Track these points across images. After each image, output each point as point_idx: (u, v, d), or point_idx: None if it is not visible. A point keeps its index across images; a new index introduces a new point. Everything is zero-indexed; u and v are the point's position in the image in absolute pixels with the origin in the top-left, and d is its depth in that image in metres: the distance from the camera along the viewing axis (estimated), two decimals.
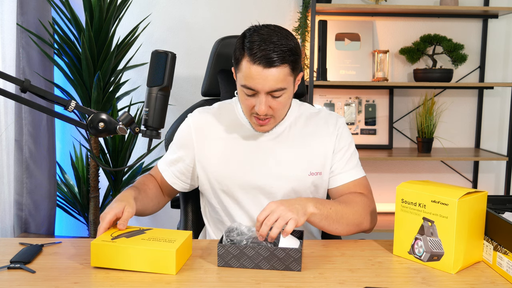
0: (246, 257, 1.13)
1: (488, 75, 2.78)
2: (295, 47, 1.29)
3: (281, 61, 1.25)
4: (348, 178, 1.43)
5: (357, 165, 1.46)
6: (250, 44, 1.26)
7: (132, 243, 1.12)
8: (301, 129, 1.45)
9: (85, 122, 1.11)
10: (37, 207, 2.34)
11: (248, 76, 1.27)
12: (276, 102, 1.31)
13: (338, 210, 1.29)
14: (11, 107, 2.29)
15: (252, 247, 1.12)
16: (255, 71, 1.26)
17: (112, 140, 2.37)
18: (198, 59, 2.64)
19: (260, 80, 1.26)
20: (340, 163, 1.44)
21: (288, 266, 1.11)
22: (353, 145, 1.49)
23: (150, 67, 1.14)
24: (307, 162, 1.42)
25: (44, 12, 2.31)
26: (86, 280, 1.06)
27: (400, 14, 2.69)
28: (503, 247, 1.10)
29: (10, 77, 1.03)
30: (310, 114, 1.49)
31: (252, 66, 1.26)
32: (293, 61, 1.28)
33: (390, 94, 2.75)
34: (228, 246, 1.13)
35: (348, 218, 1.31)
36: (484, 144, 2.83)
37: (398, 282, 1.08)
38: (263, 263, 1.12)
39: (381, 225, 2.51)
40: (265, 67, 1.25)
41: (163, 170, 1.49)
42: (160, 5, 2.62)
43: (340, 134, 1.45)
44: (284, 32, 1.30)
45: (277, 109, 1.33)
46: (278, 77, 1.26)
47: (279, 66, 1.25)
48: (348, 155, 1.45)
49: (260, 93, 1.28)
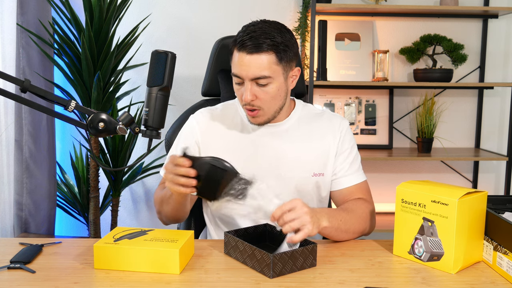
0: (238, 251, 1.16)
1: (488, 75, 2.78)
2: (285, 40, 1.31)
3: (266, 48, 1.27)
4: (350, 182, 1.44)
5: (359, 169, 1.47)
6: (237, 36, 1.32)
7: (135, 244, 1.12)
8: (305, 129, 1.45)
9: (85, 122, 1.11)
10: (37, 207, 2.34)
11: (235, 64, 1.32)
12: (263, 92, 1.32)
13: (347, 220, 1.30)
14: (11, 107, 2.29)
15: (242, 242, 1.14)
16: (240, 58, 1.30)
17: (112, 140, 2.37)
18: (198, 59, 2.64)
19: (244, 67, 1.29)
20: (343, 166, 1.44)
21: (262, 269, 1.10)
22: (356, 148, 1.50)
23: (150, 67, 1.14)
24: (311, 162, 1.42)
25: (44, 12, 2.31)
26: (86, 280, 1.06)
27: (400, 14, 2.69)
28: (503, 247, 1.10)
29: (10, 77, 1.03)
30: (314, 115, 1.49)
31: (238, 53, 1.30)
32: (279, 51, 1.29)
33: (390, 94, 2.75)
34: (230, 236, 1.18)
35: (354, 227, 1.33)
36: (484, 144, 2.83)
37: (398, 282, 1.09)
38: (248, 261, 1.14)
39: (381, 225, 2.51)
40: (249, 53, 1.28)
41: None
42: (160, 5, 2.62)
43: (344, 137, 1.46)
44: (279, 26, 1.33)
45: (264, 99, 1.33)
46: (261, 64, 1.28)
47: (262, 52, 1.28)
48: (351, 158, 1.46)
49: (245, 80, 1.31)
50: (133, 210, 2.75)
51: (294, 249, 1.11)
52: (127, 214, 2.75)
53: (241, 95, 1.35)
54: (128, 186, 2.56)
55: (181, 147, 1.24)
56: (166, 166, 1.19)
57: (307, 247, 1.13)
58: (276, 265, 1.07)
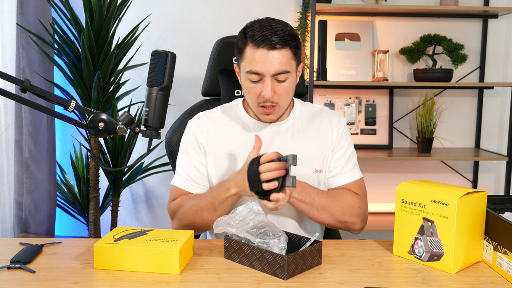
0: (244, 254, 1.14)
1: (488, 75, 2.78)
2: (295, 33, 1.34)
3: (283, 43, 1.29)
4: (346, 179, 1.45)
5: (355, 167, 1.48)
6: (252, 32, 1.31)
7: (135, 244, 1.12)
8: (305, 127, 1.47)
9: (85, 122, 1.11)
10: (37, 207, 2.34)
11: (252, 61, 1.31)
12: (281, 88, 1.33)
13: (322, 201, 1.35)
14: (11, 107, 2.29)
15: (248, 245, 1.13)
16: (259, 55, 1.30)
17: (112, 140, 2.37)
18: (198, 59, 2.64)
19: (266, 63, 1.30)
20: (339, 163, 1.45)
21: (275, 271, 1.09)
22: (352, 146, 1.51)
23: (150, 67, 1.14)
24: (312, 159, 1.44)
25: (44, 12, 2.31)
26: (86, 280, 1.06)
27: (400, 14, 2.69)
28: (503, 247, 1.10)
29: (10, 77, 1.03)
30: (313, 112, 1.51)
31: (257, 50, 1.30)
32: (294, 46, 1.32)
33: (390, 94, 2.75)
34: (231, 240, 1.16)
35: (330, 211, 1.36)
36: (484, 144, 2.83)
37: (398, 282, 1.09)
38: (256, 264, 1.13)
39: (381, 225, 2.52)
40: (269, 50, 1.29)
41: (186, 186, 1.44)
42: (160, 5, 2.62)
43: (341, 134, 1.47)
44: (283, 21, 1.36)
45: (282, 95, 1.34)
46: (282, 59, 1.30)
47: (282, 48, 1.30)
48: (347, 156, 1.47)
49: (266, 77, 1.31)
50: (133, 210, 2.75)
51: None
52: (127, 214, 2.75)
53: (257, 93, 1.34)
54: (128, 186, 2.56)
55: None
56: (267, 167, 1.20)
57: (314, 245, 1.14)
58: (290, 266, 1.07)
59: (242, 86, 1.40)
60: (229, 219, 1.17)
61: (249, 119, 1.46)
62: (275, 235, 1.15)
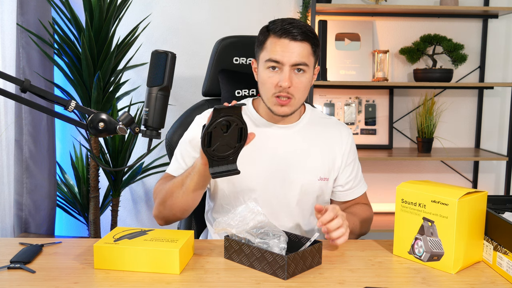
0: (244, 254, 1.14)
1: (488, 75, 2.78)
2: (315, 32, 1.38)
3: (304, 37, 1.33)
4: (358, 193, 1.53)
5: (361, 177, 1.55)
6: (275, 25, 1.35)
7: (135, 244, 1.12)
8: (314, 132, 1.47)
9: (85, 122, 1.11)
10: (37, 207, 2.34)
11: (274, 50, 1.34)
12: (298, 80, 1.35)
13: (356, 224, 1.41)
14: (11, 107, 2.29)
15: (248, 245, 1.13)
16: (281, 44, 1.33)
17: (112, 140, 2.37)
18: (198, 59, 2.64)
19: (287, 53, 1.33)
20: (351, 178, 1.51)
21: (275, 271, 1.09)
22: (357, 157, 1.56)
23: (150, 67, 1.14)
24: (318, 166, 1.44)
25: (44, 12, 2.31)
26: (86, 280, 1.06)
27: (400, 14, 2.69)
28: (503, 247, 1.10)
29: (10, 77, 1.03)
30: (322, 120, 1.52)
31: (279, 40, 1.34)
32: (314, 43, 1.36)
33: (390, 94, 2.75)
34: (231, 240, 1.16)
35: (359, 230, 1.43)
36: (484, 144, 2.83)
37: (398, 282, 1.09)
38: (256, 264, 1.13)
39: (381, 225, 2.51)
40: (291, 40, 1.33)
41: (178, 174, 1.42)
42: (160, 5, 2.62)
43: (350, 148, 1.51)
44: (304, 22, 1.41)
45: (298, 88, 1.35)
46: (302, 52, 1.34)
47: (302, 41, 1.33)
48: (356, 169, 1.52)
49: (285, 66, 1.33)
50: (133, 210, 2.75)
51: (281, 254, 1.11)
52: (127, 214, 2.75)
53: (274, 83, 1.35)
54: (128, 186, 2.56)
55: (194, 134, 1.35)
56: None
57: (314, 246, 1.14)
58: (290, 266, 1.07)
59: (259, 78, 1.40)
60: (229, 219, 1.17)
61: (259, 118, 1.45)
62: (275, 235, 1.15)
